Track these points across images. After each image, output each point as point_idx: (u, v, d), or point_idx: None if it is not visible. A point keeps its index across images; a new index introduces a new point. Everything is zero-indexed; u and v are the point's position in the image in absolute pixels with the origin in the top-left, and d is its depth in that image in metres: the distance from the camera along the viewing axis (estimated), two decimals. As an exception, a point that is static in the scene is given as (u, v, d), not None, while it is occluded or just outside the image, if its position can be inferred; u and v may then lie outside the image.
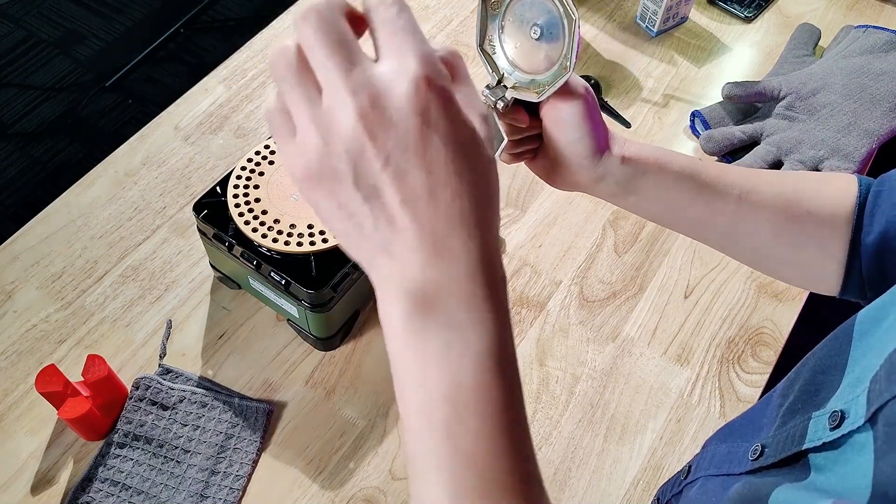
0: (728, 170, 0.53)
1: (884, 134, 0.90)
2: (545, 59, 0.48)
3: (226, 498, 0.70)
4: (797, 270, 0.56)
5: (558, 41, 0.47)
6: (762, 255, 0.55)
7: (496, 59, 0.50)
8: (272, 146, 0.76)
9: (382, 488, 0.71)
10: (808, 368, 0.45)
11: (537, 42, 0.48)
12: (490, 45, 0.50)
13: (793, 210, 0.52)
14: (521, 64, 0.50)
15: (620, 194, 0.52)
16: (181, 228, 0.87)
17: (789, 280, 0.58)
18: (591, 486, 0.72)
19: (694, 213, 0.53)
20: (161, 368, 0.77)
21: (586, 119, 0.48)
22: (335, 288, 0.71)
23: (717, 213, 0.52)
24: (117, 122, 2.01)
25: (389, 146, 0.30)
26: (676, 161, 0.52)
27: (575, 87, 0.48)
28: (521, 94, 0.49)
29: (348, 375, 0.78)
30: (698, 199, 0.52)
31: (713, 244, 0.56)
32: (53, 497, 0.70)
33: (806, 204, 0.52)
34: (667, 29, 1.10)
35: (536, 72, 0.49)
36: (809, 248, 0.53)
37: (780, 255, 0.54)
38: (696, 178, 0.52)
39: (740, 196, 0.52)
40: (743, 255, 0.56)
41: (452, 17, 1.10)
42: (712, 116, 0.98)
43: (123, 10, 2.26)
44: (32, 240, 0.85)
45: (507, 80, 0.50)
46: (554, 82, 0.47)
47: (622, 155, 0.50)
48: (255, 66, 1.02)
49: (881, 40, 0.98)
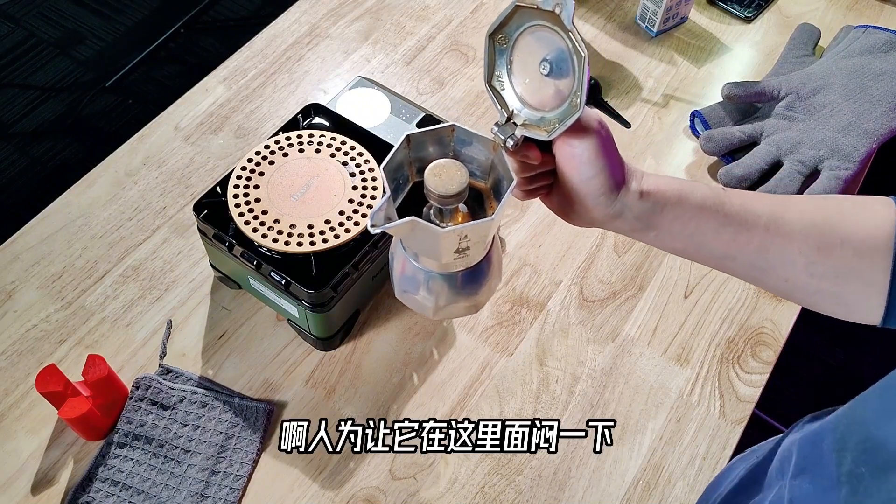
0: (754, 198, 0.50)
1: (883, 134, 0.90)
2: (555, 95, 0.46)
3: (226, 498, 0.70)
4: (834, 301, 0.51)
5: (568, 77, 0.45)
6: (795, 287, 0.51)
7: (505, 95, 0.48)
8: (272, 146, 0.76)
9: (382, 488, 0.71)
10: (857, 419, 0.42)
11: (547, 78, 0.46)
12: (498, 82, 0.48)
13: (826, 239, 0.49)
14: (530, 100, 0.48)
15: (640, 230, 0.50)
16: (181, 228, 0.87)
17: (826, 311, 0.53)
18: (591, 486, 0.72)
19: (719, 246, 0.50)
20: (161, 368, 0.77)
21: (601, 155, 0.46)
22: (335, 288, 0.71)
23: (744, 244, 0.49)
24: (117, 122, 2.01)
25: None
26: (698, 192, 0.49)
27: (588, 123, 0.46)
28: (531, 132, 0.47)
29: (348, 375, 0.78)
30: (723, 231, 0.49)
31: (742, 276, 0.53)
32: (53, 497, 0.70)
33: (840, 231, 0.48)
34: (667, 29, 1.10)
35: (546, 108, 0.47)
36: (847, 277, 0.49)
37: (815, 286, 0.50)
38: (720, 210, 0.49)
39: (767, 226, 0.49)
40: (774, 286, 0.53)
41: (452, 17, 1.10)
42: (712, 116, 0.98)
43: (123, 10, 2.26)
44: (32, 240, 0.85)
45: (516, 118, 0.48)
46: (564, 121, 0.45)
47: (640, 190, 0.48)
48: (255, 66, 1.02)
49: (881, 40, 0.98)
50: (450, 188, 0.45)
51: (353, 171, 0.75)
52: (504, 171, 0.47)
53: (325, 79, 1.02)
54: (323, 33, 1.07)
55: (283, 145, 0.77)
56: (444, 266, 0.49)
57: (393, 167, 0.47)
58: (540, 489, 0.72)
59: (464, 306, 0.53)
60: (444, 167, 0.46)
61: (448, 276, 0.50)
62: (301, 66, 1.03)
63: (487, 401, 0.77)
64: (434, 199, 0.46)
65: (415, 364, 0.79)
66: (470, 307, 0.53)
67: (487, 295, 0.53)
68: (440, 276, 0.50)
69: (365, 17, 1.09)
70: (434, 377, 0.78)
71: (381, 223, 0.43)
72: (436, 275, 0.50)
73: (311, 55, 1.04)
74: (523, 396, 0.77)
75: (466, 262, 0.49)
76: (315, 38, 1.06)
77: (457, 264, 0.49)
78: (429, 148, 0.49)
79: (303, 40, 1.06)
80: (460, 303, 0.52)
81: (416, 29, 1.09)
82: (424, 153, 0.49)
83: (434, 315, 0.53)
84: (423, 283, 0.51)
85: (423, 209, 0.49)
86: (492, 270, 0.52)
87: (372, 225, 0.43)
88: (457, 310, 0.53)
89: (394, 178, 0.47)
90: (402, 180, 0.49)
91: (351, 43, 1.06)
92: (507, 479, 0.73)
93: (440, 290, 0.51)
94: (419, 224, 0.44)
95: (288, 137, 0.77)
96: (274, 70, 1.02)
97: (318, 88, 1.01)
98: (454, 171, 0.46)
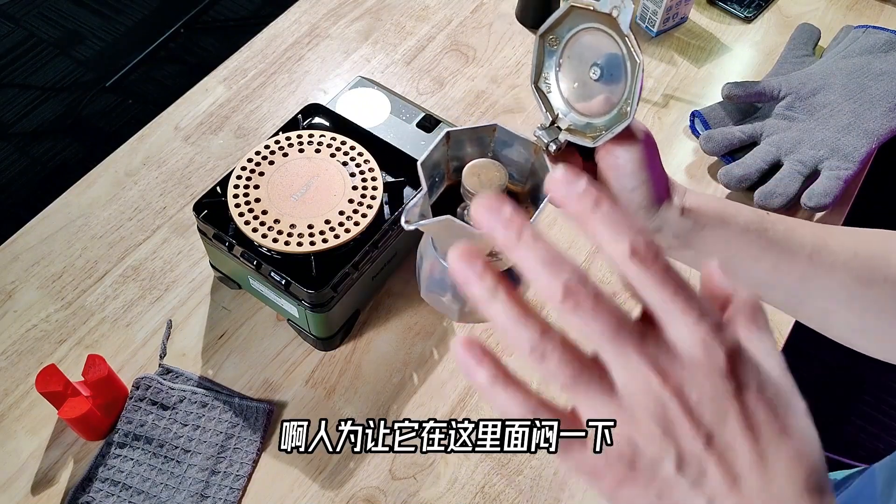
0: (798, 225, 0.49)
1: (884, 134, 0.90)
2: (604, 101, 0.45)
3: (226, 498, 0.70)
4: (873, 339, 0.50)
5: (619, 83, 0.43)
6: (833, 321, 0.50)
7: (551, 98, 0.47)
8: (272, 146, 0.76)
9: (382, 488, 0.71)
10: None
11: (596, 83, 0.44)
12: (545, 84, 0.47)
13: (869, 274, 0.47)
14: (577, 105, 0.46)
15: (678, 247, 0.48)
16: (181, 228, 0.87)
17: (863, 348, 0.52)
18: (591, 487, 0.72)
19: (759, 272, 0.48)
20: (161, 368, 0.77)
21: (645, 167, 0.45)
22: (335, 288, 0.71)
23: (785, 273, 0.48)
24: (117, 122, 2.01)
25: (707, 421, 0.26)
26: (742, 215, 0.48)
27: (635, 132, 0.45)
28: (576, 137, 0.45)
29: (348, 375, 0.78)
30: (764, 257, 0.48)
31: (779, 305, 0.51)
32: (53, 497, 0.70)
33: (884, 268, 0.47)
34: (667, 29, 1.10)
35: (593, 114, 0.45)
36: (887, 315, 0.48)
37: (854, 322, 0.49)
38: (764, 235, 0.47)
39: (811, 256, 0.47)
40: (812, 318, 0.51)
41: (452, 17, 1.10)
42: (712, 116, 0.98)
43: (123, 10, 2.26)
44: (32, 240, 0.85)
45: (561, 122, 0.46)
46: (611, 128, 0.44)
47: (682, 206, 0.47)
48: (256, 66, 1.02)
49: (881, 40, 0.98)
50: (488, 189, 0.44)
51: (353, 171, 0.75)
52: (544, 175, 0.46)
53: (325, 79, 1.02)
54: (323, 33, 1.07)
55: (283, 145, 0.77)
56: None
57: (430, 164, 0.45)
58: (540, 489, 0.72)
59: None
60: (483, 167, 0.45)
61: None
62: (301, 66, 1.03)
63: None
64: (471, 200, 0.45)
65: (415, 364, 0.79)
66: None
67: None
68: None
69: (365, 17, 1.09)
70: (434, 377, 0.78)
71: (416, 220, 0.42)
72: None
73: (311, 55, 1.04)
74: (523, 396, 0.77)
75: (498, 265, 0.48)
76: (315, 38, 1.06)
77: None
78: (468, 147, 0.47)
79: (303, 40, 1.06)
80: None
81: (416, 29, 1.09)
82: (463, 152, 0.47)
83: (459, 319, 0.51)
84: (452, 285, 0.49)
85: (458, 209, 0.48)
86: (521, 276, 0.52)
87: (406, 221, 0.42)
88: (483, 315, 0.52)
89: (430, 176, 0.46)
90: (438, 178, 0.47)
91: (351, 43, 1.06)
92: (508, 479, 0.73)
93: None
94: (455, 224, 0.42)
95: (288, 137, 0.77)
96: (274, 70, 1.02)
97: (318, 88, 1.01)
98: (493, 171, 0.45)
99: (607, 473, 0.28)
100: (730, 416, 0.26)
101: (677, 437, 0.26)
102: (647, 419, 0.26)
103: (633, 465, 0.27)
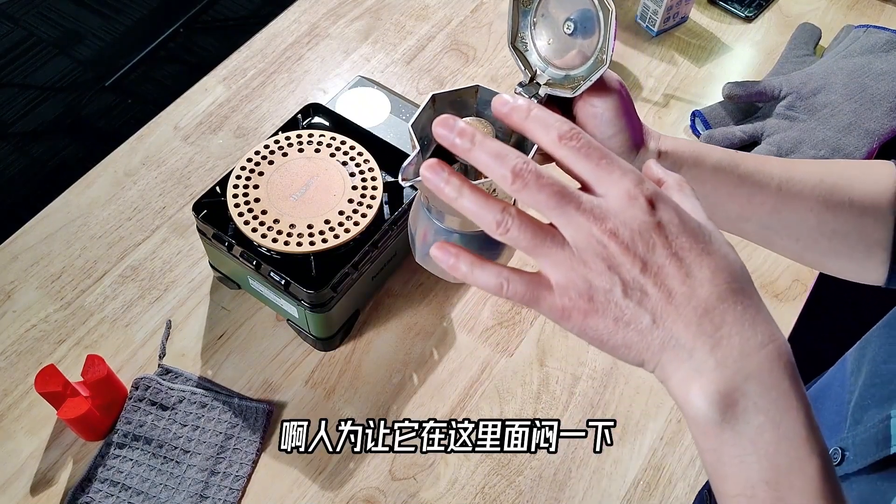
0: (766, 160, 0.52)
1: (884, 134, 0.90)
2: (579, 53, 0.47)
3: (225, 498, 0.69)
4: (842, 261, 0.55)
5: (593, 35, 0.46)
6: (805, 246, 0.54)
7: (528, 56, 0.50)
8: (272, 146, 0.76)
9: (382, 488, 0.71)
10: (867, 360, 0.44)
11: (570, 37, 0.47)
12: (522, 43, 0.50)
13: (835, 198, 0.51)
14: (553, 60, 0.49)
15: None
16: (181, 228, 0.87)
17: (834, 271, 0.57)
18: (591, 487, 0.72)
19: (734, 206, 0.52)
20: (161, 368, 0.76)
21: (622, 114, 0.47)
22: (335, 288, 0.71)
23: (758, 204, 0.51)
24: (117, 121, 2.01)
25: (640, 252, 0.33)
26: (714, 154, 0.51)
27: (609, 83, 0.47)
28: (556, 90, 0.48)
29: (348, 375, 0.78)
30: (737, 191, 0.51)
31: (754, 238, 0.55)
32: (53, 497, 0.69)
33: (847, 191, 0.51)
34: (667, 28, 1.10)
35: (570, 67, 0.48)
36: (853, 236, 0.52)
37: (824, 246, 0.53)
38: (735, 171, 0.51)
39: (780, 186, 0.51)
40: (786, 247, 0.55)
41: (452, 16, 1.10)
42: (713, 116, 0.97)
43: (123, 10, 2.26)
44: (32, 240, 0.85)
45: (539, 77, 0.49)
46: (589, 76, 0.46)
47: (658, 150, 0.49)
48: (255, 65, 1.02)
49: (882, 40, 0.98)
50: None
51: (353, 171, 0.75)
52: None
53: (325, 78, 1.02)
54: (323, 33, 1.07)
55: (282, 145, 0.76)
56: (469, 224, 0.50)
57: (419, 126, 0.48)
58: (540, 489, 0.72)
59: None
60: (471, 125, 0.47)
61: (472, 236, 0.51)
62: (301, 66, 1.03)
63: (487, 401, 0.77)
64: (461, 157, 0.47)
65: (415, 364, 0.79)
66: None
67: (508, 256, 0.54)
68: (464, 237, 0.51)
69: (365, 17, 1.09)
70: (434, 377, 0.78)
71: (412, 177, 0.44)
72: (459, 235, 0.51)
73: (311, 55, 1.04)
74: (523, 397, 0.77)
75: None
76: (315, 37, 1.06)
77: None
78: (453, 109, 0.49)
79: (302, 40, 1.06)
80: None
81: (415, 28, 1.08)
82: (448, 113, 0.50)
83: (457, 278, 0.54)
84: None
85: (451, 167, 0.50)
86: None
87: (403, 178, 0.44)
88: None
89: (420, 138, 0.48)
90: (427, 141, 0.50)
91: (351, 42, 1.06)
92: (508, 479, 0.72)
93: None
94: None
95: (287, 137, 0.77)
96: (273, 70, 1.02)
97: (318, 88, 1.01)
98: (481, 128, 0.46)
99: (573, 311, 0.34)
100: (657, 245, 0.33)
101: (619, 268, 0.33)
102: (594, 259, 0.33)
103: (591, 298, 0.34)
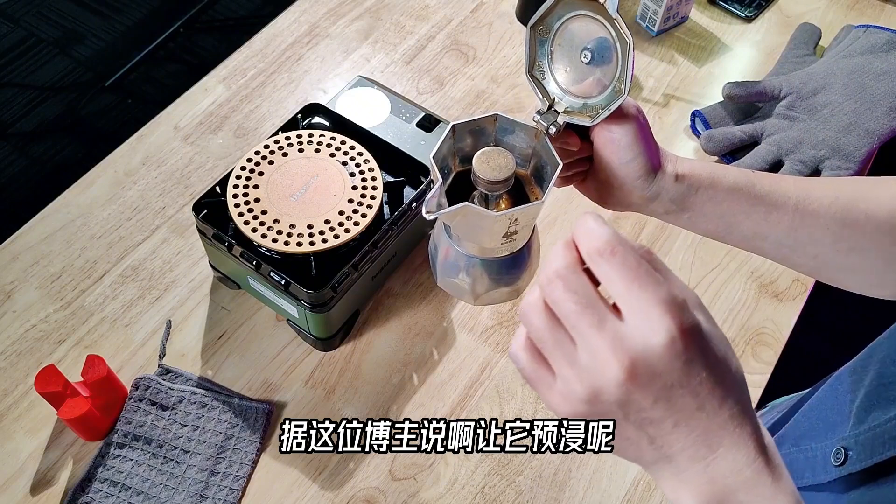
0: (782, 179, 0.53)
1: (884, 134, 0.90)
2: (596, 82, 0.48)
3: (225, 498, 0.69)
4: (858, 276, 0.55)
5: (609, 64, 0.46)
6: (822, 263, 0.54)
7: (546, 84, 0.50)
8: (272, 146, 0.76)
9: (382, 488, 0.71)
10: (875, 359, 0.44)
11: (587, 66, 0.48)
12: (539, 71, 0.50)
13: (851, 215, 0.51)
14: (571, 88, 0.49)
15: (675, 212, 0.52)
16: (181, 228, 0.87)
17: (851, 287, 0.57)
18: (591, 487, 0.72)
19: (750, 225, 0.52)
20: (160, 369, 0.76)
21: (639, 140, 0.48)
22: (335, 288, 0.71)
23: (774, 223, 0.52)
24: (117, 121, 2.01)
25: (656, 390, 0.32)
26: (729, 175, 0.51)
27: (627, 109, 0.48)
28: (575, 118, 0.49)
29: (348, 375, 0.78)
30: (754, 211, 0.51)
31: (770, 255, 0.55)
32: (53, 497, 0.69)
33: (863, 207, 0.51)
34: (667, 28, 1.10)
35: (588, 95, 0.49)
36: (870, 252, 0.52)
37: (841, 262, 0.53)
38: (751, 191, 0.51)
39: (797, 205, 0.51)
40: (803, 264, 0.55)
41: (452, 16, 1.10)
42: (713, 116, 0.97)
43: (123, 10, 2.26)
44: (32, 240, 0.85)
45: (557, 105, 0.50)
46: (608, 105, 0.47)
47: (676, 172, 0.50)
48: (255, 65, 1.02)
49: (882, 40, 0.98)
50: (498, 174, 0.47)
51: (353, 171, 0.75)
52: (548, 156, 0.48)
53: (325, 78, 1.02)
54: (322, 33, 1.07)
55: (282, 145, 0.76)
56: (489, 251, 0.50)
57: (440, 157, 0.49)
58: (540, 489, 0.72)
59: (506, 292, 0.54)
60: (491, 154, 0.48)
61: (492, 261, 0.51)
62: (301, 66, 1.03)
63: (487, 401, 0.77)
64: (482, 186, 0.47)
65: (415, 364, 0.79)
66: (511, 292, 0.54)
67: (528, 280, 0.55)
68: (484, 262, 0.52)
69: (365, 17, 1.09)
70: (434, 377, 0.78)
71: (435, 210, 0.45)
72: (479, 261, 0.51)
73: (311, 55, 1.04)
74: (523, 396, 0.77)
75: (511, 246, 0.50)
76: (315, 37, 1.06)
77: (503, 249, 0.50)
78: (471, 138, 0.50)
79: (302, 40, 1.06)
80: (502, 288, 0.53)
81: (415, 28, 1.08)
82: (466, 142, 0.50)
83: (476, 301, 0.54)
84: (465, 268, 0.52)
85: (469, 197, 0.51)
86: (532, 255, 0.54)
87: (427, 212, 0.45)
88: (499, 295, 0.54)
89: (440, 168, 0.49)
90: (447, 170, 0.51)
91: (351, 42, 1.06)
92: (508, 479, 0.72)
93: (483, 275, 0.52)
94: (472, 209, 0.45)
95: (287, 137, 0.77)
96: (273, 70, 1.02)
97: (318, 88, 1.01)
98: (501, 157, 0.47)
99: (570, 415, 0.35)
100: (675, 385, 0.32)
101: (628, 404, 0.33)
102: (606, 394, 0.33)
103: (590, 415, 0.34)
